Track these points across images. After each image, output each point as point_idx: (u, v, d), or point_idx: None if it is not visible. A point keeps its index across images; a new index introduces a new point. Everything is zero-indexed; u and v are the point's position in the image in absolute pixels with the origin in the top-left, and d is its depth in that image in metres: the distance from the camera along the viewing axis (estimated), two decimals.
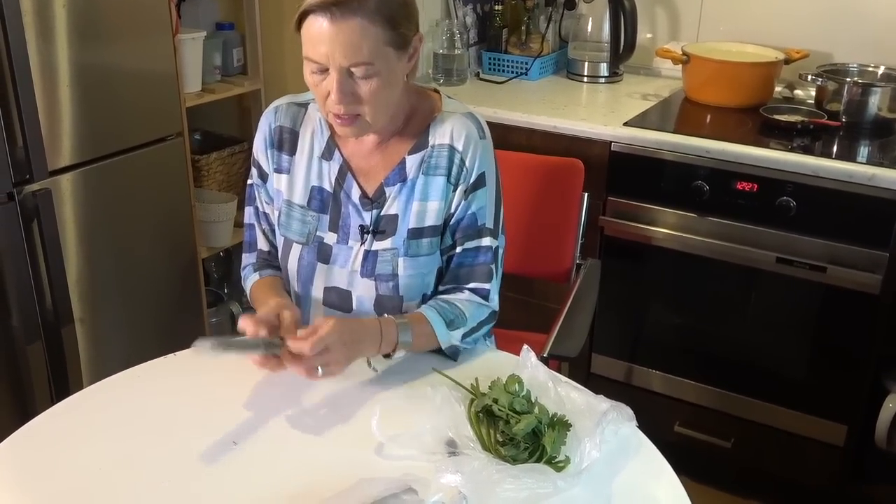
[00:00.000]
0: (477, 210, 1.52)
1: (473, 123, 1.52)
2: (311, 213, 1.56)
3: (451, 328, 1.48)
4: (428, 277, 1.55)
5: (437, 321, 1.47)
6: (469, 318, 1.51)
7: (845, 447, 2.27)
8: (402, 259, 1.52)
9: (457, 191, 1.51)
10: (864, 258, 2.08)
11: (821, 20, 2.57)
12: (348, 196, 1.53)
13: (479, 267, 1.55)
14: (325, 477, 1.21)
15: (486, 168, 1.52)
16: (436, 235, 1.53)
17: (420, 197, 1.51)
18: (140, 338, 2.30)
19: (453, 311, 1.50)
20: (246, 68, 2.67)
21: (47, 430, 1.33)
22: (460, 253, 1.54)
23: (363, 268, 1.53)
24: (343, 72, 1.36)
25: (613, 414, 1.25)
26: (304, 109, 1.58)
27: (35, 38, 1.88)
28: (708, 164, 2.20)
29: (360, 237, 1.53)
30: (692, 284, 2.36)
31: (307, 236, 1.56)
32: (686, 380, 2.43)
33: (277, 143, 1.58)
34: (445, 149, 1.50)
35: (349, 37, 1.34)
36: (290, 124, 1.57)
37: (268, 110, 1.61)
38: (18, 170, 1.90)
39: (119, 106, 2.12)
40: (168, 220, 2.34)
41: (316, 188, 1.55)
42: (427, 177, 1.51)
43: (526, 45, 2.81)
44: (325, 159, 1.55)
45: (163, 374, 1.47)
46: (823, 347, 2.25)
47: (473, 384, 1.36)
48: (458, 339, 1.49)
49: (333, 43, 1.34)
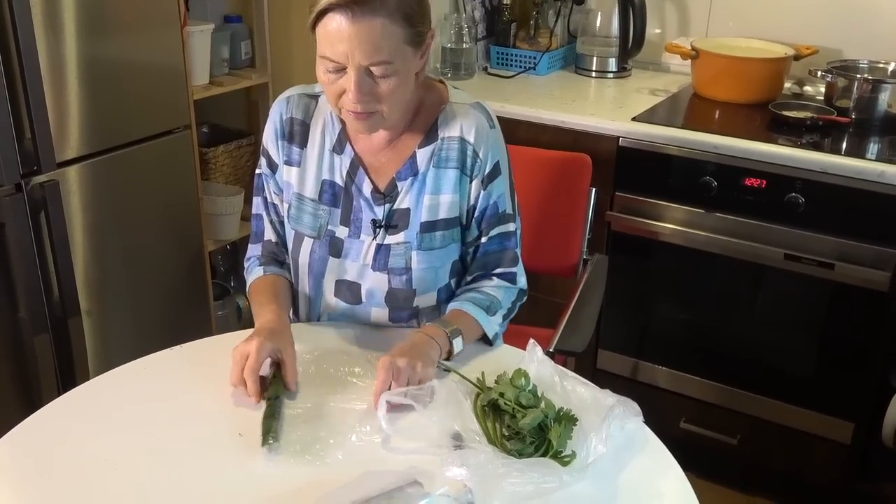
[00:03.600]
0: (498, 198, 1.54)
1: (482, 114, 1.53)
2: (323, 206, 1.55)
3: (490, 313, 1.53)
4: (441, 271, 1.56)
5: (477, 312, 1.52)
6: (503, 302, 1.56)
7: (852, 445, 2.26)
8: (415, 252, 1.52)
9: (473, 182, 1.52)
10: (872, 255, 2.07)
11: (831, 16, 2.56)
12: (360, 190, 1.53)
13: (505, 252, 1.58)
14: (331, 469, 1.21)
15: (500, 157, 1.54)
16: (448, 228, 1.53)
17: (431, 190, 1.51)
18: (146, 330, 2.30)
19: (487, 298, 1.55)
20: (254, 61, 2.67)
21: (54, 421, 1.33)
22: (487, 242, 1.57)
23: (375, 261, 1.53)
24: (362, 71, 1.35)
25: (620, 409, 1.25)
26: (315, 101, 1.57)
27: (44, 30, 1.88)
28: (716, 160, 2.20)
29: (372, 231, 1.53)
30: (699, 280, 2.35)
31: (319, 230, 1.56)
32: (692, 376, 2.43)
33: (288, 135, 1.57)
34: (456, 141, 1.50)
35: (370, 36, 1.32)
36: (302, 116, 1.56)
37: (279, 100, 1.59)
38: (26, 161, 1.90)
39: (127, 98, 2.12)
40: (175, 212, 2.34)
41: (327, 182, 1.55)
42: (438, 170, 1.51)
43: (534, 39, 2.80)
44: (336, 153, 1.54)
45: (169, 365, 1.47)
46: (831, 345, 2.25)
47: (479, 378, 1.36)
48: (498, 324, 1.54)
49: (353, 42, 1.32)
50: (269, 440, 1.24)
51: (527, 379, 1.31)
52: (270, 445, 1.24)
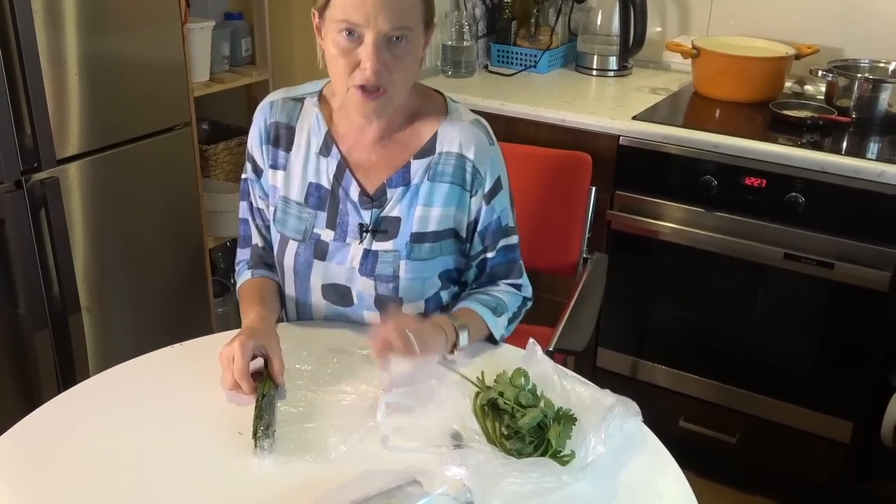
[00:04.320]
0: (500, 213, 1.56)
1: (482, 131, 1.53)
2: (308, 209, 1.55)
3: (496, 314, 1.54)
4: (428, 282, 1.56)
5: (484, 312, 1.53)
6: (509, 305, 1.58)
7: (851, 444, 2.26)
8: (403, 262, 1.52)
9: (474, 198, 1.52)
10: (872, 255, 2.07)
11: (831, 16, 2.56)
12: (347, 193, 1.52)
13: (513, 265, 1.61)
14: (331, 468, 1.21)
15: (500, 172, 1.55)
16: (437, 240, 1.53)
17: (424, 202, 1.51)
18: (146, 327, 2.31)
19: (494, 300, 1.56)
20: (254, 58, 2.67)
21: (54, 419, 1.33)
22: (493, 256, 1.59)
23: (362, 266, 1.53)
24: (381, 38, 1.35)
25: (619, 409, 1.25)
26: (300, 104, 1.56)
27: (44, 26, 1.88)
28: (716, 159, 2.20)
29: (358, 235, 1.53)
30: (699, 279, 2.35)
31: (304, 233, 1.55)
32: (692, 375, 2.43)
33: (273, 139, 1.56)
34: (454, 157, 1.50)
35: (395, 1, 1.34)
36: (286, 120, 1.55)
37: (262, 105, 1.58)
38: (27, 158, 1.90)
39: (127, 95, 2.12)
40: (175, 209, 2.34)
41: (313, 185, 1.54)
42: (433, 183, 1.51)
43: (535, 37, 2.79)
44: (322, 155, 1.53)
45: (169, 363, 1.47)
46: (830, 344, 2.25)
47: (479, 377, 1.36)
48: (504, 325, 1.55)
49: (378, 6, 1.33)
50: (258, 443, 1.24)
51: (526, 378, 1.31)
52: (262, 446, 1.24)
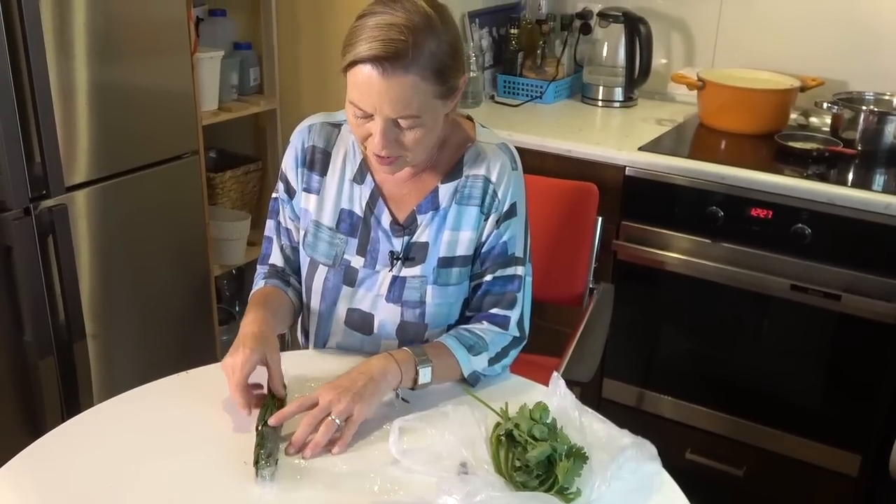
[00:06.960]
0: (508, 239, 1.52)
1: (507, 154, 1.53)
2: (340, 235, 1.55)
3: (472, 353, 1.48)
4: (454, 307, 1.55)
5: (457, 348, 1.47)
6: (490, 344, 1.51)
7: (859, 477, 2.24)
8: (430, 287, 1.52)
9: (489, 220, 1.51)
10: (879, 287, 2.07)
11: (836, 48, 2.57)
12: (378, 221, 1.53)
13: (505, 295, 1.54)
14: (339, 495, 1.21)
15: (518, 199, 1.53)
16: (465, 265, 1.53)
17: (452, 226, 1.51)
18: (152, 355, 2.30)
19: (473, 337, 1.50)
20: (262, 88, 2.69)
21: (58, 447, 1.33)
22: (490, 281, 1.54)
23: (390, 293, 1.53)
24: (389, 121, 1.36)
25: (632, 451, 1.24)
26: (337, 130, 1.57)
27: (55, 55, 1.90)
28: (722, 190, 2.20)
29: (389, 263, 1.53)
30: (705, 310, 2.35)
31: (334, 258, 1.55)
32: (698, 406, 2.41)
33: (309, 163, 1.56)
34: (480, 180, 1.50)
35: (399, 93, 1.32)
36: (324, 144, 1.56)
37: (301, 127, 1.59)
38: (35, 185, 1.91)
39: (136, 123, 2.14)
40: (182, 237, 2.35)
41: (346, 211, 1.55)
42: (460, 206, 1.50)
43: (541, 68, 2.81)
44: (356, 182, 1.54)
45: (174, 392, 1.47)
46: (837, 376, 2.23)
47: (503, 408, 1.35)
48: (481, 364, 1.49)
49: (382, 96, 1.32)
50: (259, 471, 1.23)
51: (546, 412, 1.29)
52: (263, 475, 1.23)
